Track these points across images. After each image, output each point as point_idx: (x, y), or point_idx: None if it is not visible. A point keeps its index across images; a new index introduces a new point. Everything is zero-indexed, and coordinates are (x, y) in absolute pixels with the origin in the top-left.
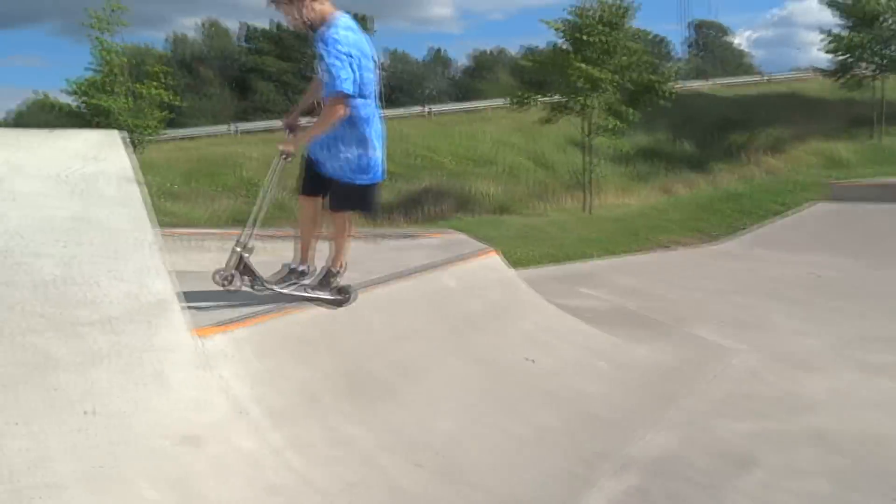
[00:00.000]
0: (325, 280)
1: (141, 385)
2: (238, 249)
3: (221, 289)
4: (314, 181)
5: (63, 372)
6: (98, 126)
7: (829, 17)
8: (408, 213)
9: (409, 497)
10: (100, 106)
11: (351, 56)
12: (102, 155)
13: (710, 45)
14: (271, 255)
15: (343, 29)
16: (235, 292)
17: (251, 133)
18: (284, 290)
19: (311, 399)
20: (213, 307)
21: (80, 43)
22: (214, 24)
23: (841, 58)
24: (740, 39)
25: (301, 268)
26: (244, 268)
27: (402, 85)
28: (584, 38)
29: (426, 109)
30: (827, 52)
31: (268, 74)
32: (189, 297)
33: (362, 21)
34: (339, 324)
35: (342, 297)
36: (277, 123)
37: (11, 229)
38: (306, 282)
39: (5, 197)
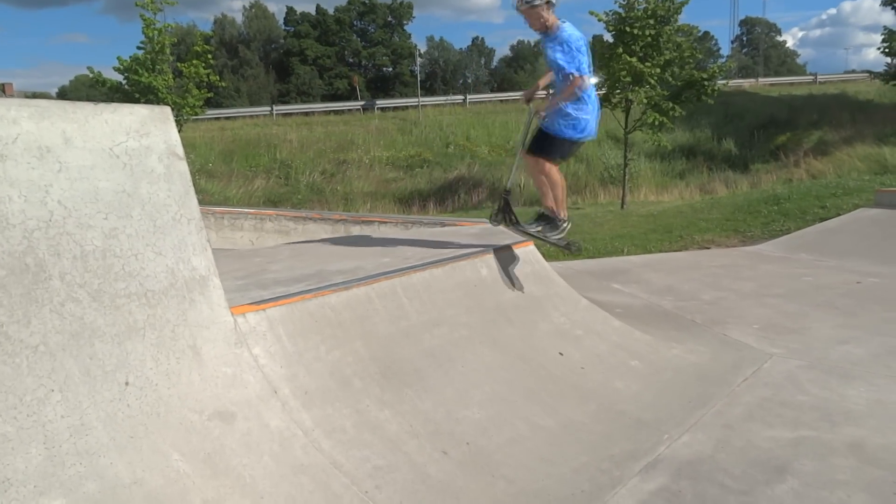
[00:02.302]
0: (554, 224)
1: (174, 359)
2: (503, 194)
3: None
4: (539, 142)
5: (100, 342)
6: (143, 103)
7: (887, 18)
8: (441, 200)
9: (434, 484)
10: (145, 83)
11: (581, 49)
12: (152, 130)
13: (757, 43)
14: (301, 235)
15: (571, 29)
16: (268, 273)
17: (289, 115)
18: (530, 231)
19: (342, 382)
20: (247, 286)
21: (126, 21)
22: (257, 7)
23: None
24: (789, 38)
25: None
26: (505, 206)
27: (440, 73)
28: (632, 31)
29: (465, 98)
30: (885, 53)
31: (307, 58)
32: (223, 274)
33: (402, 8)
34: (372, 308)
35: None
36: (314, 107)
37: (56, 200)
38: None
39: (52, 168)
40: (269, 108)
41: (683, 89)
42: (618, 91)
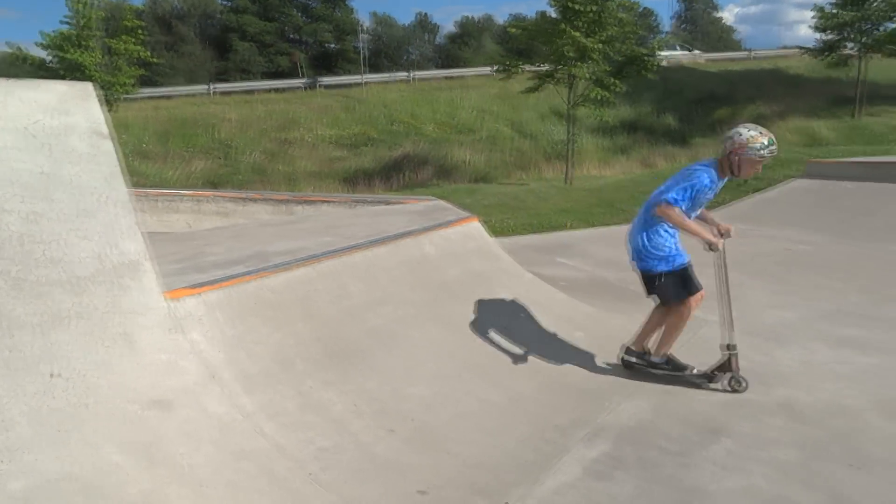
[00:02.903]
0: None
1: (104, 348)
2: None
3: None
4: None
5: (20, 332)
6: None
7: None
8: (387, 179)
9: (381, 462)
10: (72, 60)
11: None
12: (72, 108)
13: (696, 19)
14: (242, 216)
15: None
16: (206, 256)
17: (229, 94)
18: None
19: (285, 364)
20: (184, 269)
21: None
22: None
23: (829, 37)
24: (727, 14)
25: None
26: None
27: (385, 50)
28: (575, 6)
29: (410, 75)
30: (816, 29)
31: (247, 34)
32: (159, 258)
33: None
34: (314, 289)
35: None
36: (254, 84)
37: None
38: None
39: None
40: (206, 87)
41: (625, 65)
42: (561, 67)
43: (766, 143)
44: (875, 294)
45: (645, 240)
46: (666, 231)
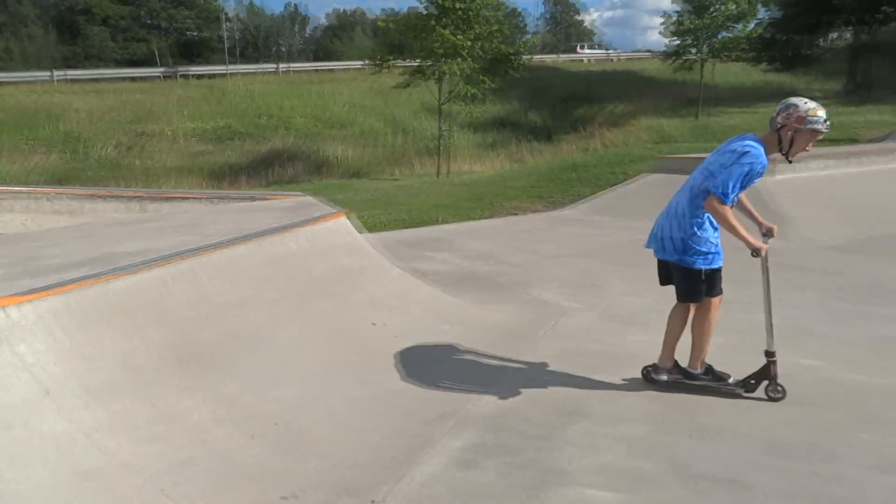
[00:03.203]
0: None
1: None
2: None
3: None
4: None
5: None
6: None
7: (667, 3)
8: (255, 174)
9: (242, 471)
10: None
11: None
12: None
13: (560, 21)
14: (89, 216)
15: None
16: (42, 259)
17: (77, 81)
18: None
19: (134, 374)
20: (13, 274)
21: None
22: None
23: (676, 43)
24: (587, 18)
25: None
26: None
27: (253, 40)
28: (444, 4)
29: (278, 67)
30: (668, 34)
31: (96, 17)
32: None
33: None
34: (167, 292)
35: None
36: (109, 72)
37: None
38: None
39: None
40: (49, 73)
41: (493, 62)
42: (431, 63)
43: (824, 116)
44: None
45: (689, 232)
46: (710, 224)
